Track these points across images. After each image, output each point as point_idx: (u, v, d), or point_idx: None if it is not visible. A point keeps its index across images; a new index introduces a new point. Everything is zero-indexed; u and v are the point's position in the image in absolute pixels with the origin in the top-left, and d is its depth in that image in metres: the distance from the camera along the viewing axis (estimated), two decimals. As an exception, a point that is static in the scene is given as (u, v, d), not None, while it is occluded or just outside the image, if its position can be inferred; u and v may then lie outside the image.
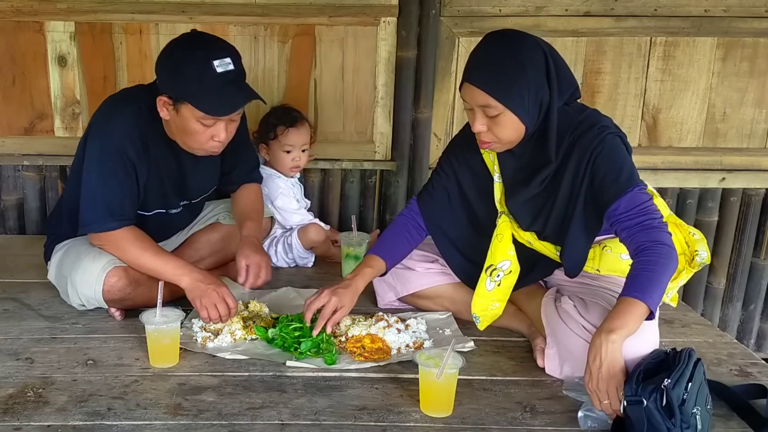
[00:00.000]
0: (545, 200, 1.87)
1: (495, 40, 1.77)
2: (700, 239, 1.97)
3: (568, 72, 1.81)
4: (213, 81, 1.86)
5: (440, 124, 2.96)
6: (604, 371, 1.53)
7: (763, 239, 3.11)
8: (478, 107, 1.75)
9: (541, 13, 2.80)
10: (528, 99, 1.72)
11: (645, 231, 1.66)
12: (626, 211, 1.70)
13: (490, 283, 1.94)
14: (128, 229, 2.03)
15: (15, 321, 2.09)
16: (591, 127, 1.77)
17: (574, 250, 1.85)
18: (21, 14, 2.77)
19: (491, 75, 1.72)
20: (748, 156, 3.01)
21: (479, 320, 1.98)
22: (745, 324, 3.23)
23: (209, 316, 1.93)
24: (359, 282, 1.96)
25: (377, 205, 3.08)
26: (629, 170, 1.74)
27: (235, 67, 1.90)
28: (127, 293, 2.04)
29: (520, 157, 1.87)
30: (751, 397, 1.72)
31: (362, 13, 2.83)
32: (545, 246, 1.93)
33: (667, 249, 1.63)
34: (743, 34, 2.87)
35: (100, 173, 1.98)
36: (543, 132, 1.79)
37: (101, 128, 2.02)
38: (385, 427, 1.59)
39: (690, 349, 1.64)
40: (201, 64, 1.86)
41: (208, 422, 1.59)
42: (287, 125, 2.61)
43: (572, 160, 1.78)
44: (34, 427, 1.56)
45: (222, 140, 1.99)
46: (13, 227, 3.02)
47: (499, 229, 1.95)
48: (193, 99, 1.89)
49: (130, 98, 2.06)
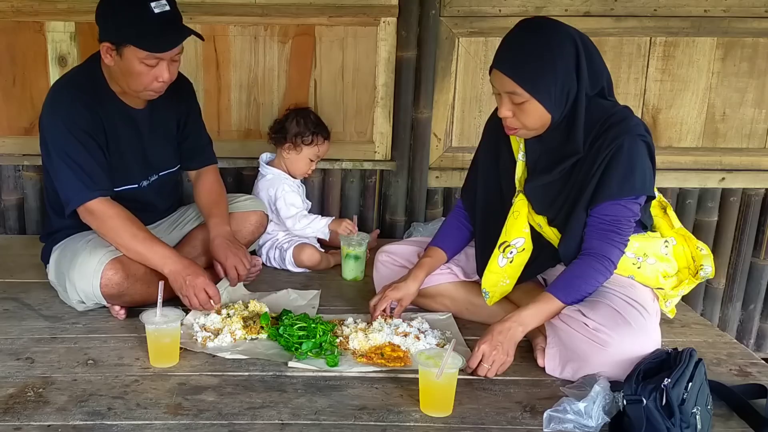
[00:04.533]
0: (562, 188, 1.88)
1: (526, 28, 1.78)
2: (707, 255, 1.98)
3: (600, 63, 1.81)
4: (152, 21, 1.95)
5: (440, 124, 2.97)
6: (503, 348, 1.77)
7: (762, 239, 3.11)
8: (505, 93, 1.77)
9: (541, 13, 2.80)
10: (555, 90, 1.73)
11: (601, 241, 1.80)
12: (602, 214, 1.80)
13: (503, 259, 1.95)
14: (116, 206, 2.07)
15: (15, 321, 2.10)
16: (620, 122, 1.78)
17: (574, 238, 1.86)
18: (21, 14, 2.77)
19: (519, 64, 1.73)
20: (747, 156, 3.01)
21: (489, 295, 2.00)
22: (744, 324, 3.23)
23: (190, 304, 1.97)
24: (419, 273, 2.05)
25: (377, 205, 3.08)
26: (637, 178, 1.76)
27: (171, 8, 2.00)
28: (124, 287, 2.05)
29: (546, 143, 1.87)
30: (751, 397, 1.72)
31: (362, 13, 2.83)
32: (554, 232, 1.94)
33: (608, 264, 1.80)
34: (743, 34, 2.87)
35: (65, 153, 2.05)
36: (571, 122, 1.80)
37: (51, 115, 2.09)
38: (385, 426, 1.59)
39: (691, 350, 1.65)
40: (139, 6, 1.96)
41: (208, 422, 1.59)
42: (325, 137, 2.69)
43: (594, 150, 1.79)
44: (35, 426, 1.56)
45: (165, 80, 2.05)
46: (13, 227, 3.02)
47: (516, 207, 1.95)
48: (135, 40, 1.96)
49: (69, 79, 2.16)
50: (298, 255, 2.57)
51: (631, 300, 1.81)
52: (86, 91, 2.09)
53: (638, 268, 1.90)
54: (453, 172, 2.99)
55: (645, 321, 1.77)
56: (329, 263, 2.64)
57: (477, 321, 2.12)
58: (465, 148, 2.96)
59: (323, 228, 2.65)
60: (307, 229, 2.65)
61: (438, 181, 3.03)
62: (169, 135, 2.34)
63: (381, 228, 3.06)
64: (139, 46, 1.96)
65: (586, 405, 1.56)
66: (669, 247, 1.94)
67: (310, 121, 2.68)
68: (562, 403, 1.59)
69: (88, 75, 2.13)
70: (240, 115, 2.94)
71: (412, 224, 2.97)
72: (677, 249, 1.96)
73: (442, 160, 3.00)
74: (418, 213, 3.03)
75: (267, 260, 2.64)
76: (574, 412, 1.56)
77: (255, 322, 2.02)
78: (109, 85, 2.13)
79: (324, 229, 2.65)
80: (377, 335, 1.93)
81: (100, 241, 2.10)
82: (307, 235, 2.68)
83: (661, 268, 1.92)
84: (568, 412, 1.56)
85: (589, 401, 1.57)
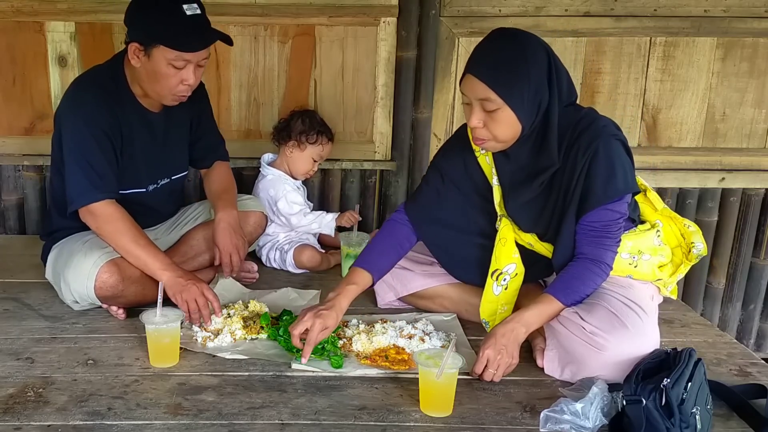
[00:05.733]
0: (545, 201, 1.87)
1: (501, 36, 1.79)
2: (696, 231, 1.99)
3: (569, 78, 1.82)
4: (183, 22, 1.97)
5: (440, 124, 2.97)
6: (508, 351, 1.75)
7: (762, 239, 3.11)
8: (476, 101, 1.75)
9: (541, 14, 2.80)
10: (527, 98, 1.73)
11: (594, 247, 1.81)
12: (591, 221, 1.81)
13: (497, 287, 1.95)
14: (119, 209, 2.06)
15: (15, 321, 2.10)
16: (589, 126, 1.78)
17: (565, 248, 1.86)
18: (21, 14, 2.77)
19: (494, 69, 1.72)
20: (747, 156, 3.01)
21: (489, 325, 1.98)
22: (744, 324, 3.23)
23: (189, 309, 1.95)
24: (342, 301, 1.87)
25: (377, 205, 3.08)
26: (618, 179, 1.76)
27: (201, 12, 2.02)
28: (119, 290, 2.04)
29: (515, 160, 1.87)
30: (751, 397, 1.72)
31: (362, 14, 2.83)
32: (546, 248, 1.93)
33: (604, 267, 1.82)
34: (743, 34, 2.87)
35: (79, 152, 2.05)
36: (543, 134, 1.80)
37: (72, 111, 2.09)
38: (385, 427, 1.59)
39: (691, 349, 1.65)
40: (171, 8, 1.97)
41: (208, 422, 1.59)
42: (329, 139, 2.70)
43: (570, 159, 1.79)
44: (35, 426, 1.56)
45: (191, 84, 2.06)
46: (13, 227, 3.02)
47: (502, 233, 1.95)
48: (165, 40, 1.96)
49: (92, 77, 2.15)
50: (299, 256, 2.57)
51: (629, 301, 1.81)
52: (109, 92, 2.10)
53: (635, 267, 1.91)
54: (453, 172, 2.98)
55: (642, 322, 1.76)
56: (329, 264, 2.63)
57: (476, 321, 2.11)
58: (465, 148, 2.96)
59: (330, 222, 2.65)
60: (314, 224, 2.65)
61: (438, 181, 3.02)
62: (182, 139, 2.34)
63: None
64: (170, 46, 1.97)
65: (583, 406, 1.56)
66: (660, 236, 1.95)
67: (316, 121, 2.69)
68: (560, 403, 1.59)
69: (110, 75, 2.13)
70: (240, 115, 2.94)
71: (412, 224, 2.97)
72: (665, 230, 1.97)
73: (442, 160, 3.00)
74: (418, 213, 3.03)
75: (267, 261, 2.64)
76: (571, 412, 1.56)
77: (255, 322, 2.02)
78: (130, 86, 2.13)
79: (331, 223, 2.65)
80: (381, 338, 1.93)
81: (96, 242, 2.09)
82: (314, 231, 2.68)
83: (657, 261, 1.93)
84: (565, 413, 1.56)
85: (587, 402, 1.57)
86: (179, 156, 2.36)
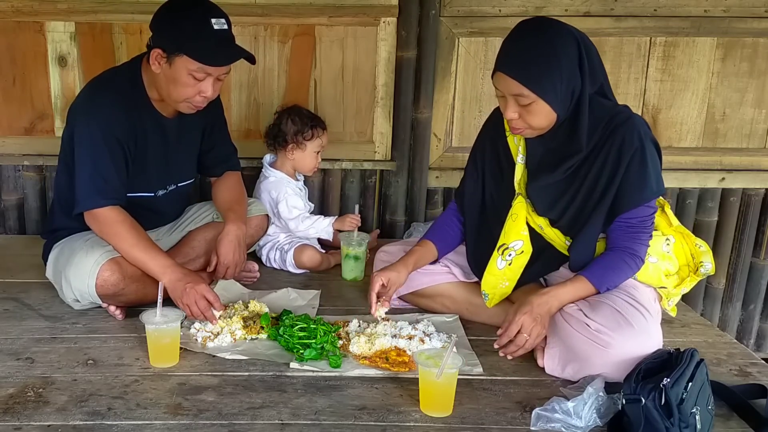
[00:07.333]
0: (567, 188, 1.88)
1: (528, 29, 1.78)
2: (706, 251, 2.00)
3: (599, 60, 1.82)
4: (210, 36, 1.98)
5: (440, 124, 2.97)
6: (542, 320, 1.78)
7: (762, 239, 3.11)
8: (510, 96, 1.76)
9: (541, 14, 2.80)
10: (560, 88, 1.73)
11: (630, 239, 1.84)
12: (629, 218, 1.82)
13: (501, 261, 1.95)
14: (122, 213, 2.07)
15: (15, 321, 2.10)
16: (624, 123, 1.79)
17: (587, 244, 1.88)
18: (21, 14, 2.77)
19: (524, 65, 1.72)
20: (747, 156, 3.01)
21: (488, 297, 2.00)
22: (744, 324, 3.23)
23: (191, 312, 1.96)
24: (408, 259, 2.05)
25: (377, 205, 3.08)
26: (654, 181, 1.80)
27: (228, 28, 2.04)
28: (120, 288, 2.04)
29: (548, 142, 1.87)
30: (751, 397, 1.72)
31: (362, 14, 2.83)
32: (556, 234, 1.94)
33: (638, 260, 1.84)
34: (743, 34, 2.87)
35: (90, 155, 2.05)
36: (574, 120, 1.80)
37: (87, 114, 2.08)
38: (385, 427, 1.59)
39: (693, 350, 1.65)
40: (200, 20, 1.98)
41: (208, 422, 1.59)
42: (324, 128, 2.69)
43: (603, 152, 1.80)
44: (35, 426, 1.56)
45: (208, 96, 2.06)
46: (13, 227, 3.02)
47: (515, 209, 1.95)
48: (190, 51, 1.97)
49: (109, 80, 2.15)
50: (299, 256, 2.57)
51: (633, 301, 1.81)
52: (126, 95, 2.09)
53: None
54: (453, 172, 2.98)
55: (646, 322, 1.77)
56: (330, 264, 2.63)
57: (477, 321, 2.12)
58: (465, 148, 2.93)
59: (327, 227, 2.65)
60: (311, 230, 2.64)
61: (438, 181, 3.03)
62: (193, 146, 2.35)
63: (381, 228, 3.06)
64: (194, 58, 1.97)
65: (575, 405, 1.56)
66: (670, 245, 1.95)
67: (305, 116, 2.67)
68: (552, 401, 1.59)
69: (128, 77, 2.13)
70: (240, 115, 2.93)
71: (412, 224, 2.97)
72: (677, 246, 1.98)
73: (442, 160, 3.00)
74: (418, 213, 3.03)
75: (267, 261, 2.64)
76: (562, 411, 1.56)
77: (255, 322, 2.02)
78: (146, 90, 2.13)
79: (328, 228, 2.65)
80: (382, 339, 1.92)
81: (98, 241, 2.09)
82: (311, 236, 2.68)
83: (663, 267, 1.93)
84: (557, 411, 1.56)
85: (579, 401, 1.57)
86: (188, 163, 2.37)
